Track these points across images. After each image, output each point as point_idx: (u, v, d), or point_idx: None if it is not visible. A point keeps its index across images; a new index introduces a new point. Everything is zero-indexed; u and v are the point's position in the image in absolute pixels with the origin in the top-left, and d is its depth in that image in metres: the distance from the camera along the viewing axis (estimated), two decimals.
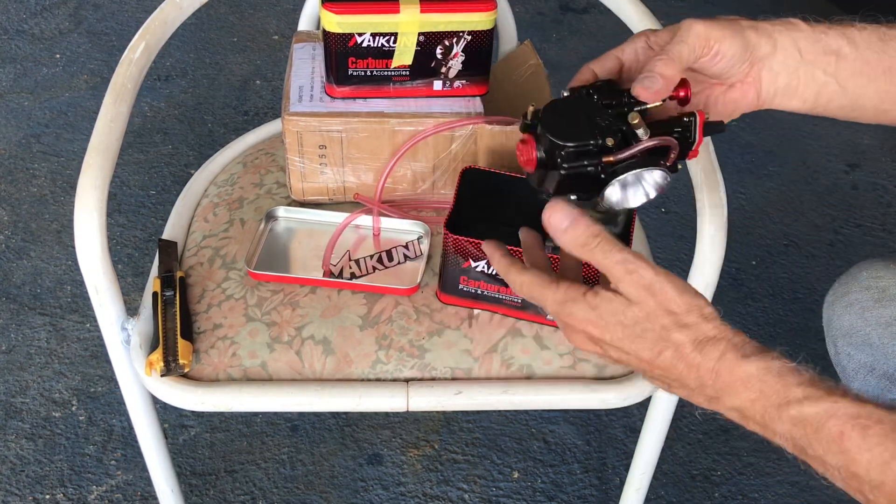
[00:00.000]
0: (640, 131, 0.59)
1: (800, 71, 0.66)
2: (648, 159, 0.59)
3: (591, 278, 0.70)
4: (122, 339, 0.84)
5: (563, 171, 0.59)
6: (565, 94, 0.63)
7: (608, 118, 0.60)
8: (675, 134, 0.61)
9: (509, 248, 0.79)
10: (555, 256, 0.69)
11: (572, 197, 0.61)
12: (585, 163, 0.59)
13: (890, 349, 0.80)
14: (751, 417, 0.56)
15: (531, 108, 0.61)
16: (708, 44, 0.63)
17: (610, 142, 0.59)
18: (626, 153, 0.59)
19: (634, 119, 0.59)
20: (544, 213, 0.59)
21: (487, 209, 0.89)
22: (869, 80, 0.67)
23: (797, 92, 0.67)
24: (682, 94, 0.63)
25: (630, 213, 0.63)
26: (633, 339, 0.58)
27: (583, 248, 0.58)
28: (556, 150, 0.59)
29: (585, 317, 0.59)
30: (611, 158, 0.58)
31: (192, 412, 1.33)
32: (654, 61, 0.62)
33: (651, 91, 0.61)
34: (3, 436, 1.31)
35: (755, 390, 0.55)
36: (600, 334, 0.60)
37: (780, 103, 0.68)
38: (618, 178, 0.58)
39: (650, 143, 0.59)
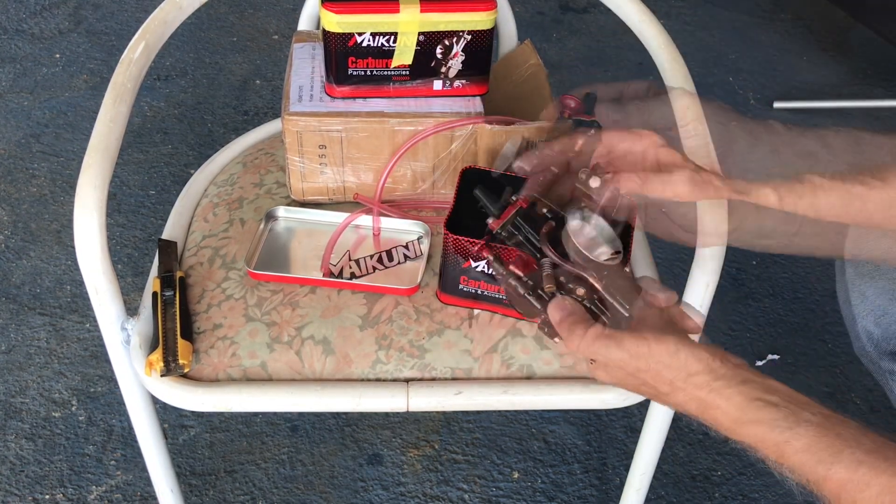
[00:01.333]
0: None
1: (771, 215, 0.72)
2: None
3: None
4: (122, 339, 0.84)
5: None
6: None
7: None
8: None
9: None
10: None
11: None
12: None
13: None
14: None
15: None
16: (676, 198, 0.69)
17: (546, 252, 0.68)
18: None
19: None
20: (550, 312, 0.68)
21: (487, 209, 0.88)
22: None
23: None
24: (572, 105, 0.75)
25: (630, 215, 0.64)
26: (636, 387, 0.66)
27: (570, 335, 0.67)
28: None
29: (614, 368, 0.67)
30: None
31: (192, 412, 1.33)
32: (624, 176, 0.68)
33: (599, 189, 0.69)
34: (2, 436, 1.31)
35: (756, 448, 0.61)
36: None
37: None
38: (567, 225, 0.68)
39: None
